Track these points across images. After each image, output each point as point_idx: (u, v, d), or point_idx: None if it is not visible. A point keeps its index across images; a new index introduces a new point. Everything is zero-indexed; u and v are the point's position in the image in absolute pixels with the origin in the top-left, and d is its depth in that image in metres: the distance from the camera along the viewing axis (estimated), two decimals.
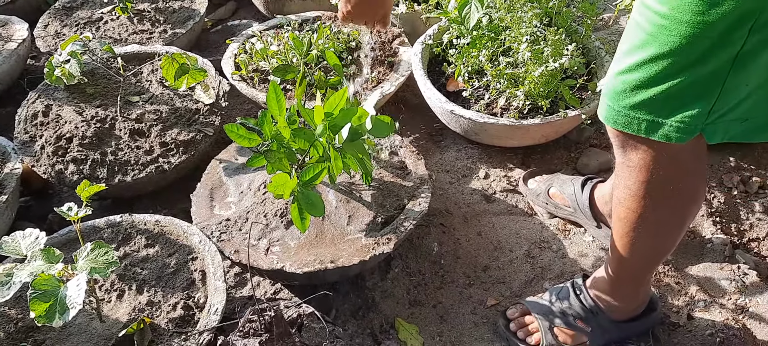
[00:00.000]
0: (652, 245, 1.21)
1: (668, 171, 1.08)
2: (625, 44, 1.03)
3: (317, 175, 1.32)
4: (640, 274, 1.32)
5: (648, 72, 0.98)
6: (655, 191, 1.11)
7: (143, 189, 1.81)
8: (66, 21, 2.40)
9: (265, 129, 1.39)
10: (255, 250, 1.48)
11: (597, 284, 1.39)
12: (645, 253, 1.24)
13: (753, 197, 1.72)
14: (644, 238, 1.19)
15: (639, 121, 1.03)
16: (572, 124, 1.83)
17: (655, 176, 1.09)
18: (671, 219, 1.16)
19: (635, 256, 1.24)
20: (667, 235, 1.19)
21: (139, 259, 1.50)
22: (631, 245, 1.22)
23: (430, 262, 1.64)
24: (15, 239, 1.30)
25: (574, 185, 1.68)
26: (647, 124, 1.02)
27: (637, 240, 1.20)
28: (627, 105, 1.03)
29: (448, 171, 1.92)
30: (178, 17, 2.37)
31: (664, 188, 1.10)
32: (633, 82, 1.01)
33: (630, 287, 1.35)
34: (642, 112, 1.02)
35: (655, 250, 1.23)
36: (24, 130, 1.85)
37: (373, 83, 1.97)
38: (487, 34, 1.87)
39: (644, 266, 1.29)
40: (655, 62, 0.97)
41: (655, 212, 1.14)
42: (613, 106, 1.06)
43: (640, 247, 1.22)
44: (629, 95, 1.02)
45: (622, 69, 1.02)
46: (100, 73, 1.99)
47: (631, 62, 1.00)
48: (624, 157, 1.12)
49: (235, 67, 2.05)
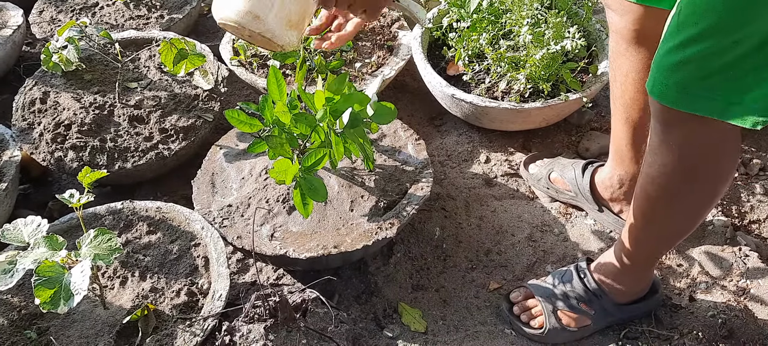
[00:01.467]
0: (675, 227, 1.20)
1: (710, 151, 1.06)
2: (681, 16, 0.94)
3: (319, 160, 1.32)
4: (653, 257, 1.32)
5: (701, 47, 0.91)
6: (693, 170, 1.08)
7: (143, 176, 1.80)
8: (61, 7, 2.37)
9: (266, 114, 1.39)
10: (257, 236, 1.48)
11: (602, 268, 1.39)
12: (667, 234, 1.23)
13: (754, 179, 1.73)
14: (671, 219, 1.18)
15: (694, 98, 0.95)
16: (573, 108, 1.83)
17: (696, 153, 1.06)
18: (703, 201, 1.15)
19: (655, 237, 1.23)
20: (694, 217, 1.18)
21: (141, 246, 1.50)
22: (655, 224, 1.20)
23: (433, 246, 1.64)
24: (17, 227, 1.29)
25: (574, 169, 1.68)
26: (703, 101, 0.95)
27: (663, 220, 1.19)
28: (679, 81, 0.96)
29: (449, 155, 1.92)
30: (174, 2, 2.35)
31: (701, 168, 1.08)
32: (695, 54, 0.93)
33: (639, 271, 1.35)
34: (696, 89, 0.95)
35: (676, 232, 1.23)
36: (22, 117, 1.84)
37: (373, 67, 1.96)
38: (487, 17, 1.86)
39: (660, 248, 1.30)
40: (708, 38, 0.90)
41: (689, 194, 1.12)
42: (665, 82, 0.98)
43: (663, 228, 1.21)
44: (682, 70, 0.95)
45: (675, 44, 0.94)
46: (97, 59, 1.97)
47: (685, 37, 0.93)
48: (665, 134, 1.07)
49: (234, 52, 2.03)
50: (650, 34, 1.27)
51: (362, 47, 2.04)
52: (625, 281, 1.37)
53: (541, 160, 1.79)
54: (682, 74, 0.96)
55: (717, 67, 0.92)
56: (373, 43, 2.05)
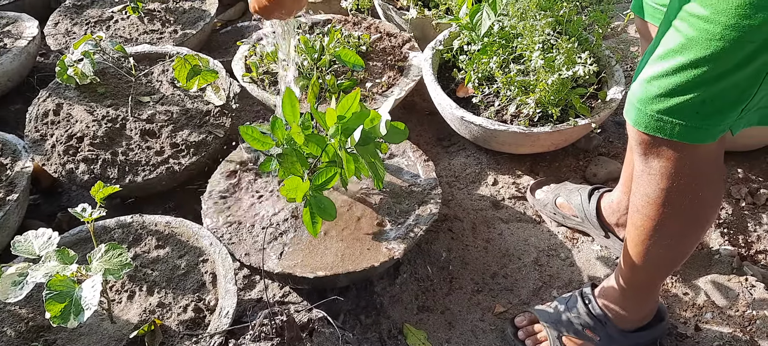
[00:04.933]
0: (666, 254, 1.21)
1: (689, 180, 1.08)
2: (661, 48, 1.01)
3: (329, 179, 1.33)
4: (652, 283, 1.33)
5: (686, 76, 0.97)
6: (675, 199, 1.11)
7: (153, 189, 1.82)
8: (76, 19, 2.40)
9: (278, 134, 1.40)
10: (265, 252, 1.49)
11: (606, 293, 1.40)
12: (659, 262, 1.24)
13: (761, 209, 1.73)
14: (659, 246, 1.19)
15: (672, 125, 1.01)
16: (581, 133, 1.84)
17: (676, 184, 1.09)
18: (688, 228, 1.16)
19: (649, 264, 1.24)
20: (683, 244, 1.20)
21: (149, 260, 1.51)
22: (645, 253, 1.22)
23: (439, 268, 1.64)
24: (28, 239, 1.30)
25: (581, 194, 1.68)
26: (680, 128, 1.01)
27: (652, 248, 1.20)
28: (660, 109, 1.01)
29: (456, 177, 1.93)
30: (188, 18, 2.38)
31: (683, 197, 1.10)
32: (669, 86, 0.99)
33: (640, 297, 1.35)
34: (675, 117, 1.00)
35: (669, 259, 1.24)
36: (35, 128, 1.86)
37: (384, 87, 1.97)
38: (498, 41, 1.88)
39: (657, 275, 1.30)
40: (694, 67, 0.95)
41: (673, 221, 1.14)
42: (643, 110, 1.04)
43: (654, 255, 1.22)
44: (663, 100, 1.01)
45: (657, 73, 1.01)
46: (111, 72, 2.00)
47: (668, 66, 0.99)
48: (645, 164, 1.11)
49: (246, 69, 2.05)
50: None
51: (373, 67, 2.05)
52: (628, 307, 1.37)
53: (548, 186, 1.80)
54: (657, 101, 1.01)
55: (689, 95, 0.98)
56: (384, 63, 2.07)
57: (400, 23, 2.28)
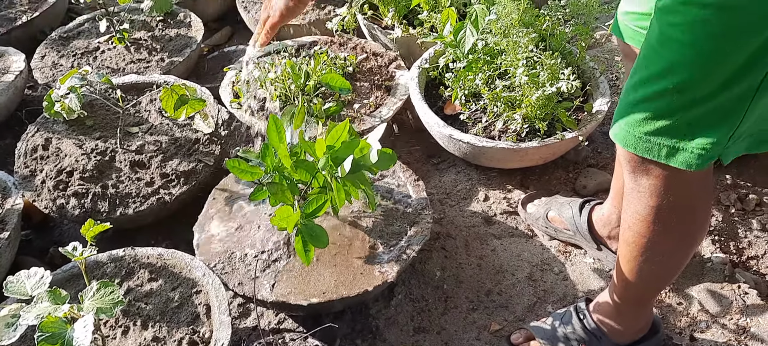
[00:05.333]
0: (658, 270, 1.22)
1: (679, 197, 1.09)
2: (644, 72, 1.02)
3: (320, 206, 1.34)
4: (645, 298, 1.33)
5: (671, 100, 0.98)
6: (665, 216, 1.12)
7: (144, 221, 1.81)
8: (63, 51, 2.40)
9: (267, 162, 1.41)
10: (258, 281, 1.49)
11: (600, 308, 1.40)
12: (651, 277, 1.24)
13: (750, 215, 1.74)
14: (651, 262, 1.20)
15: (659, 147, 1.02)
16: (570, 146, 1.85)
17: (665, 201, 1.10)
18: (679, 244, 1.17)
19: (641, 280, 1.25)
20: (674, 260, 1.20)
21: (142, 293, 1.51)
22: (637, 269, 1.22)
23: (433, 287, 1.65)
24: (20, 279, 1.30)
25: (572, 207, 1.69)
26: (668, 149, 1.01)
27: (644, 264, 1.21)
28: (647, 131, 1.02)
29: (447, 194, 1.93)
30: (175, 45, 2.38)
31: (673, 214, 1.11)
32: (655, 109, 1.00)
33: (634, 311, 1.36)
34: (663, 138, 1.01)
35: (661, 274, 1.24)
36: (24, 164, 1.86)
37: (371, 108, 1.98)
38: (482, 57, 1.89)
39: (649, 290, 1.31)
40: (679, 91, 0.96)
41: (664, 237, 1.15)
42: (631, 132, 1.05)
43: (646, 271, 1.22)
44: (650, 122, 1.01)
45: (642, 97, 1.01)
46: (98, 104, 2.00)
47: (653, 90, 0.99)
48: (634, 182, 1.12)
49: (234, 95, 2.06)
50: None
51: (360, 88, 2.06)
52: (622, 321, 1.38)
53: (539, 200, 1.81)
54: (644, 123, 1.02)
55: (675, 117, 0.99)
56: (371, 83, 2.08)
57: (385, 42, 2.29)
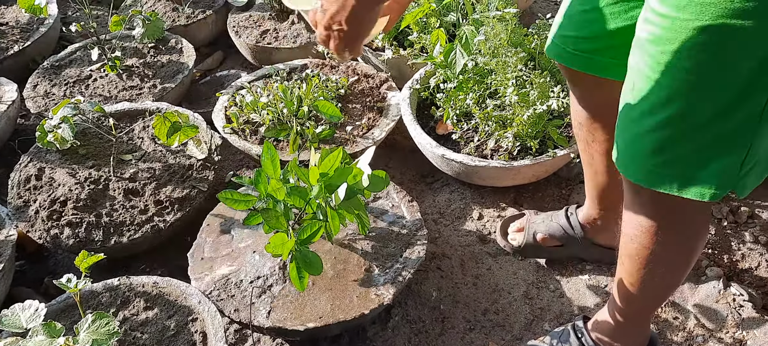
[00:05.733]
0: (662, 282, 1.22)
1: (680, 215, 1.09)
2: (644, 103, 0.99)
3: (314, 233, 1.34)
4: (647, 312, 1.33)
5: (677, 128, 0.96)
6: (668, 227, 1.11)
7: (139, 249, 1.81)
8: (55, 80, 2.41)
9: (260, 188, 1.41)
10: (254, 307, 1.49)
11: (599, 326, 1.40)
12: (655, 289, 1.24)
13: (743, 228, 1.75)
14: (655, 274, 1.20)
15: (671, 178, 1.00)
16: (562, 163, 1.86)
17: (667, 218, 1.10)
18: (682, 254, 1.17)
19: (643, 293, 1.25)
20: (678, 270, 1.20)
21: (138, 322, 1.50)
22: (640, 282, 1.22)
23: (430, 308, 1.65)
24: (15, 312, 1.29)
25: (558, 221, 1.69)
26: (680, 181, 0.99)
27: (647, 277, 1.20)
28: (657, 163, 1.01)
29: (442, 214, 1.94)
30: (167, 71, 2.39)
31: (676, 225, 1.11)
32: (662, 139, 0.98)
33: (634, 327, 1.36)
34: (674, 169, 0.99)
35: (665, 286, 1.24)
36: (17, 194, 1.85)
37: (364, 129, 1.99)
38: (473, 77, 1.91)
39: (652, 303, 1.31)
40: (683, 117, 0.95)
41: (667, 248, 1.14)
42: (642, 166, 1.03)
43: (650, 283, 1.22)
44: (659, 154, 1.00)
45: (648, 128, 1.00)
46: (91, 133, 2.00)
47: (658, 120, 0.98)
48: (635, 202, 1.12)
49: (226, 119, 2.06)
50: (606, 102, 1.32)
51: (352, 110, 2.07)
52: (622, 338, 1.38)
53: (514, 226, 1.77)
54: (652, 154, 1.01)
55: (683, 144, 0.97)
56: (363, 105, 2.09)
57: (376, 64, 2.31)
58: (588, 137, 1.44)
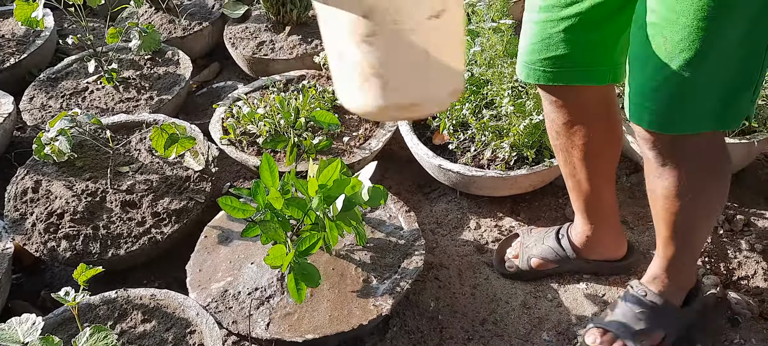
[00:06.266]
0: (705, 226, 1.35)
1: (714, 153, 1.20)
2: (675, 61, 1.06)
3: (313, 245, 1.34)
4: (695, 260, 1.48)
5: (703, 75, 1.06)
6: (708, 175, 1.22)
7: (136, 261, 1.81)
8: (51, 93, 2.41)
9: (259, 199, 1.41)
10: (253, 319, 1.48)
11: (661, 280, 1.46)
12: (702, 237, 1.38)
13: (739, 235, 1.76)
14: (700, 221, 1.31)
15: (707, 118, 1.10)
16: (558, 172, 1.86)
17: (706, 160, 1.20)
18: (719, 197, 1.28)
19: (697, 240, 1.37)
20: (713, 216, 1.33)
21: (136, 335, 1.50)
22: (694, 230, 1.33)
23: (428, 318, 1.65)
24: (12, 326, 1.29)
25: (550, 244, 1.69)
26: (714, 117, 1.10)
27: (696, 223, 1.31)
28: (690, 109, 1.09)
29: (439, 224, 1.94)
30: (163, 83, 2.40)
31: (713, 170, 1.22)
32: (687, 85, 1.07)
33: (690, 266, 1.46)
34: (705, 108, 1.09)
35: (704, 233, 1.38)
36: (14, 207, 1.85)
37: (361, 140, 2.00)
38: (469, 88, 1.92)
39: (697, 252, 1.44)
40: (701, 62, 1.04)
41: (707, 195, 1.25)
42: (678, 113, 1.11)
43: (699, 230, 1.34)
44: (688, 99, 1.09)
45: (682, 80, 1.07)
46: (88, 145, 2.00)
47: (689, 73, 1.06)
48: (662, 160, 1.20)
49: (224, 131, 2.07)
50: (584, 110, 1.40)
51: (349, 121, 2.08)
52: (683, 279, 1.48)
53: (509, 251, 1.77)
54: (667, 100, 1.10)
55: (713, 86, 1.07)
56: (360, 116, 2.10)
57: None
58: (567, 144, 1.46)
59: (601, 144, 1.45)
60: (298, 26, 2.68)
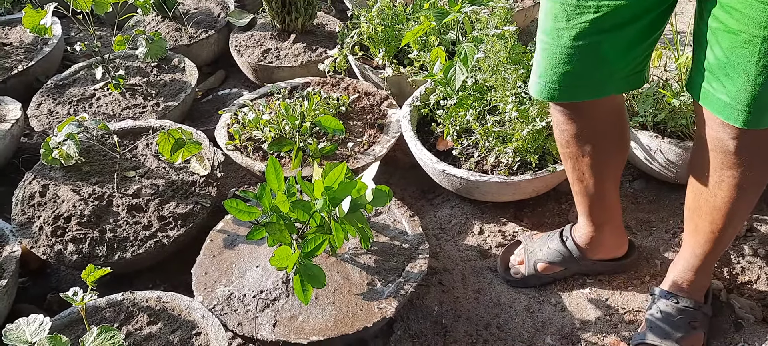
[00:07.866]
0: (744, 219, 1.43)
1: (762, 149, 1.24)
2: (754, 68, 1.10)
3: (318, 246, 1.35)
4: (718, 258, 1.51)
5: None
6: (761, 162, 1.25)
7: (142, 264, 1.82)
8: (58, 99, 2.43)
9: (264, 202, 1.43)
10: (258, 321, 1.49)
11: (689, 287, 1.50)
12: (737, 231, 1.43)
13: (742, 241, 1.77)
14: (745, 213, 1.36)
15: None
16: (561, 178, 1.88)
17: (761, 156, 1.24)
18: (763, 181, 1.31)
19: (733, 234, 1.41)
20: (756, 198, 1.35)
21: (142, 337, 1.51)
22: (740, 214, 1.35)
23: (432, 322, 1.65)
24: (19, 327, 1.30)
25: (554, 246, 1.70)
26: None
27: (744, 215, 1.35)
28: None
29: (442, 229, 1.95)
30: (169, 90, 2.42)
31: (763, 155, 1.25)
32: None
33: (711, 270, 1.52)
34: None
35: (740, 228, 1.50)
36: (21, 211, 1.87)
37: (365, 146, 2.01)
38: (472, 94, 1.93)
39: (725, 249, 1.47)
40: None
41: (761, 187, 1.30)
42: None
43: (741, 222, 1.40)
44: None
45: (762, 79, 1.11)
46: (95, 150, 2.02)
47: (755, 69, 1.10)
48: (734, 161, 1.24)
49: (229, 137, 2.08)
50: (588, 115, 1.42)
51: (354, 127, 2.10)
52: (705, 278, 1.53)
53: (513, 258, 1.77)
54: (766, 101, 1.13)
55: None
56: (364, 122, 2.11)
57: (377, 82, 2.34)
58: (576, 153, 1.47)
59: (610, 152, 1.46)
60: (302, 34, 2.71)
